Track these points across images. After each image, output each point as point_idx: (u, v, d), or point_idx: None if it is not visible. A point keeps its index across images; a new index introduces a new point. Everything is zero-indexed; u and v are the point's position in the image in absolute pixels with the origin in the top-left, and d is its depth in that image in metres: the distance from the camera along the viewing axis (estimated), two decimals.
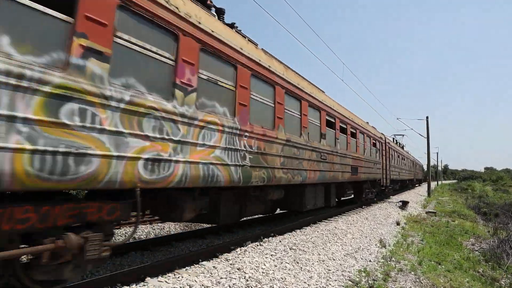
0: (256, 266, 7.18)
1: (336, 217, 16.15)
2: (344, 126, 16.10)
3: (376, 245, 11.21)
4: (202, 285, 5.84)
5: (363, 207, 21.40)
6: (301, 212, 13.37)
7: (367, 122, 23.14)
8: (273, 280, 6.61)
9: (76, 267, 4.62)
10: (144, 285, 5.75)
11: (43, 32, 4.14)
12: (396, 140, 22.62)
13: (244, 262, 7.36)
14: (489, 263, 11.57)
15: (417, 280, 8.09)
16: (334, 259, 8.79)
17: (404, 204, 24.33)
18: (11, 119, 3.68)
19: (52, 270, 4.43)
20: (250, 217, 14.97)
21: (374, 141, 22.80)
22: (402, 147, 20.94)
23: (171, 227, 13.27)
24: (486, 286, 9.00)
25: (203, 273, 6.57)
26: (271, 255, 8.17)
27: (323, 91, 14.20)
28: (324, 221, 14.60)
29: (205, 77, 6.79)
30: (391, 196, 32.65)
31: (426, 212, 22.97)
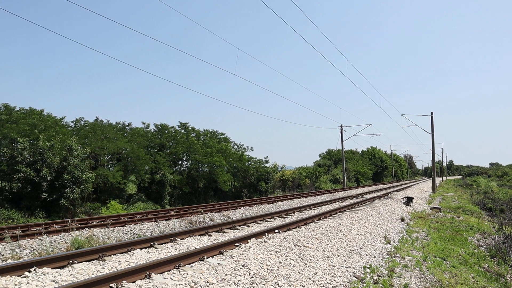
0: (261, 263, 7.19)
1: (340, 213, 16.14)
2: None
3: (381, 241, 11.20)
4: (207, 282, 5.86)
5: (367, 203, 21.36)
6: None
7: None
8: (278, 276, 6.63)
9: None
10: (149, 282, 5.78)
11: None
12: None
13: (249, 259, 7.37)
14: (495, 258, 11.50)
15: (422, 276, 8.07)
16: (338, 256, 8.79)
17: (408, 200, 24.27)
18: None
19: None
20: (255, 214, 14.98)
21: None
22: None
23: (176, 224, 13.30)
24: (492, 281, 8.96)
25: (208, 270, 6.59)
26: (276, 252, 8.18)
27: None
28: (329, 218, 14.59)
29: None
30: (395, 192, 32.56)
31: (431, 208, 22.90)
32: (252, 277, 6.35)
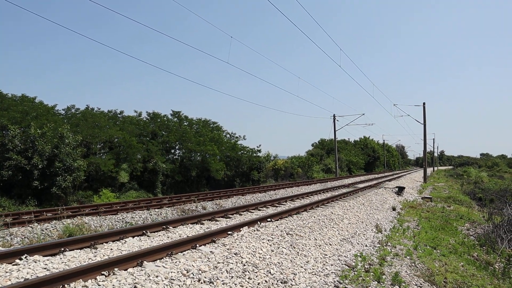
0: (253, 251, 7.21)
1: (332, 202, 16.23)
2: None
3: (372, 230, 11.29)
4: (200, 270, 5.86)
5: (359, 192, 21.51)
6: None
7: None
8: (270, 264, 6.65)
9: None
10: (141, 270, 5.77)
11: None
12: None
13: (241, 247, 7.39)
14: (484, 247, 11.66)
15: (413, 264, 8.17)
16: (330, 244, 8.85)
17: (400, 190, 24.49)
18: None
19: None
20: (247, 202, 15.01)
21: None
22: None
23: (168, 213, 13.29)
24: (481, 270, 9.09)
25: (201, 258, 6.60)
26: (268, 240, 8.21)
27: None
28: (321, 207, 14.66)
29: None
30: (387, 182, 32.84)
31: (422, 198, 23.12)
32: (244, 265, 6.37)
